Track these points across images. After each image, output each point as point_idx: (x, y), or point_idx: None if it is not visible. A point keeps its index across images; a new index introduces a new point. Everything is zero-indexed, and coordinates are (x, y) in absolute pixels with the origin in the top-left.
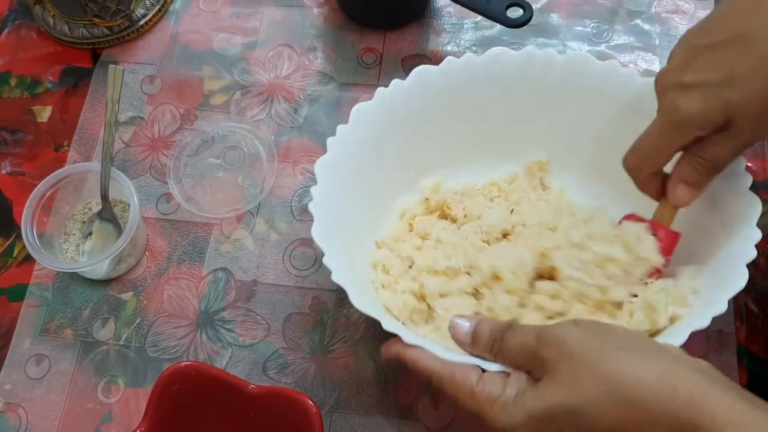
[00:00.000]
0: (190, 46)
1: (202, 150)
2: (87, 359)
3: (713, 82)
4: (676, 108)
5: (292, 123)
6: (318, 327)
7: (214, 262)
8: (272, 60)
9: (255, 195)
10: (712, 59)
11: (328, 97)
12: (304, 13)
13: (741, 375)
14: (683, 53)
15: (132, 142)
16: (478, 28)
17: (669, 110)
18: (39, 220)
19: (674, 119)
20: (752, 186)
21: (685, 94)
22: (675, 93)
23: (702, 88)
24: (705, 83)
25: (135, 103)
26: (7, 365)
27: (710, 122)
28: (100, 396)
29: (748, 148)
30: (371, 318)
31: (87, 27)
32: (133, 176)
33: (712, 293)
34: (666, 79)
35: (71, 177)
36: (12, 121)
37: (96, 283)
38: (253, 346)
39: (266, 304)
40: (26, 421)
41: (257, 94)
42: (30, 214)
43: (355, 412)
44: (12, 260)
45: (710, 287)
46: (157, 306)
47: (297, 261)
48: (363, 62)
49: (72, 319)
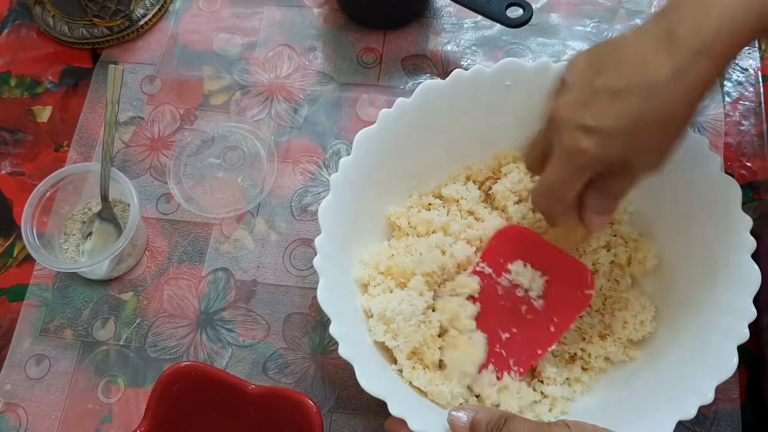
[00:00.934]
0: (190, 47)
1: (202, 150)
2: (87, 359)
3: (616, 130)
4: (581, 151)
5: (292, 123)
6: (318, 327)
7: (214, 262)
8: (272, 60)
9: (255, 195)
10: (614, 106)
11: (328, 97)
12: (304, 13)
13: (741, 375)
14: (580, 91)
15: (132, 142)
16: (478, 28)
17: (572, 152)
18: (39, 220)
19: (579, 162)
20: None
21: (588, 137)
22: (577, 134)
23: (605, 134)
24: (608, 130)
25: (135, 103)
26: (7, 365)
27: (612, 164)
28: (100, 396)
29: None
30: None
31: (87, 27)
32: (133, 176)
33: (700, 378)
34: (564, 115)
35: (71, 177)
36: (12, 122)
37: (96, 284)
38: (253, 346)
39: (266, 304)
40: (26, 421)
41: (257, 94)
42: (30, 214)
43: (355, 412)
44: (12, 260)
45: (698, 370)
46: (157, 306)
47: (297, 261)
48: (363, 62)
49: (72, 319)
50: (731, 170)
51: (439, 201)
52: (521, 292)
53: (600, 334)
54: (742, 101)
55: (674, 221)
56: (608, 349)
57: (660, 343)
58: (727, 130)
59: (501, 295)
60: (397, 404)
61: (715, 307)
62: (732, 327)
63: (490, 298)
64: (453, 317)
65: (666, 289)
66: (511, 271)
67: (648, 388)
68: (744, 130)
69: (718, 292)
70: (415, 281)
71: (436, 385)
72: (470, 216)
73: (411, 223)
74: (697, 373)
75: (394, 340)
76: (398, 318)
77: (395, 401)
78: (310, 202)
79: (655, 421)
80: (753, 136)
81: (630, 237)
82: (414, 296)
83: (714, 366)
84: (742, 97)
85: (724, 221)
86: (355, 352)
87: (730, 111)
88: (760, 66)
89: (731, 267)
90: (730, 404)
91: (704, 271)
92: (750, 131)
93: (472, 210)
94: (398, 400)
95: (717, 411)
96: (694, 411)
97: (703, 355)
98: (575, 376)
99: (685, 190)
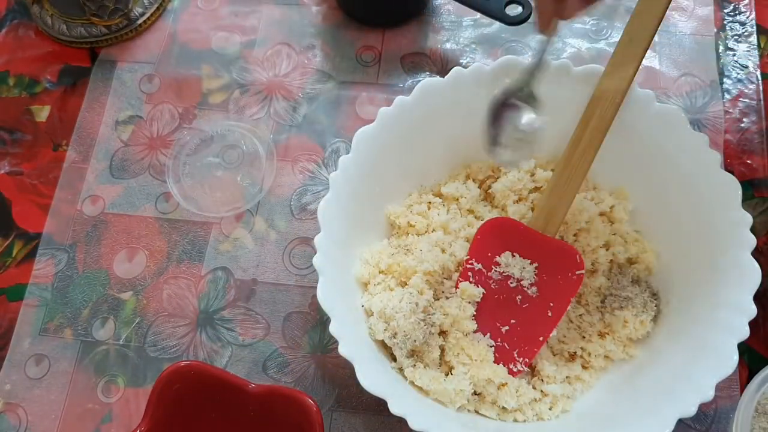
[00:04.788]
0: (188, 45)
1: (201, 149)
2: (87, 359)
3: None
4: None
5: (291, 121)
6: (318, 326)
7: (214, 262)
8: (271, 58)
9: (254, 194)
10: None
11: (327, 96)
12: (303, 11)
13: (741, 372)
14: None
15: (130, 141)
16: (477, 26)
17: None
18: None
19: None
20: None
21: None
22: None
23: None
24: None
25: (133, 102)
26: (6, 365)
27: None
28: (100, 396)
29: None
30: None
31: (85, 26)
32: (132, 175)
33: (700, 376)
34: None
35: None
36: (10, 121)
37: (95, 283)
38: (253, 346)
39: (266, 303)
40: (26, 421)
41: (256, 92)
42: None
43: (356, 411)
44: (11, 260)
45: (698, 368)
46: (156, 305)
47: (296, 260)
48: (362, 60)
49: (71, 319)
50: (731, 167)
51: (439, 199)
52: (513, 283)
53: (600, 332)
54: (741, 98)
55: (674, 219)
56: (608, 347)
57: (660, 341)
58: (726, 127)
59: (494, 289)
60: (397, 403)
61: (716, 305)
62: (732, 324)
63: (484, 294)
64: (453, 321)
65: (666, 287)
66: (501, 263)
67: (648, 386)
68: (744, 127)
69: (719, 290)
70: (416, 279)
71: (439, 384)
72: (470, 214)
73: (411, 221)
74: (697, 370)
75: (393, 339)
76: (398, 316)
77: (395, 400)
78: (309, 201)
79: (655, 418)
80: (753, 134)
81: (629, 235)
82: (414, 294)
83: (714, 363)
84: (742, 95)
85: (724, 219)
86: (355, 351)
87: (729, 108)
88: (759, 63)
89: (731, 264)
90: (730, 402)
91: (704, 268)
92: (750, 128)
93: (471, 208)
94: (399, 399)
95: (717, 408)
96: (695, 408)
97: (704, 353)
98: (575, 374)
99: (684, 188)
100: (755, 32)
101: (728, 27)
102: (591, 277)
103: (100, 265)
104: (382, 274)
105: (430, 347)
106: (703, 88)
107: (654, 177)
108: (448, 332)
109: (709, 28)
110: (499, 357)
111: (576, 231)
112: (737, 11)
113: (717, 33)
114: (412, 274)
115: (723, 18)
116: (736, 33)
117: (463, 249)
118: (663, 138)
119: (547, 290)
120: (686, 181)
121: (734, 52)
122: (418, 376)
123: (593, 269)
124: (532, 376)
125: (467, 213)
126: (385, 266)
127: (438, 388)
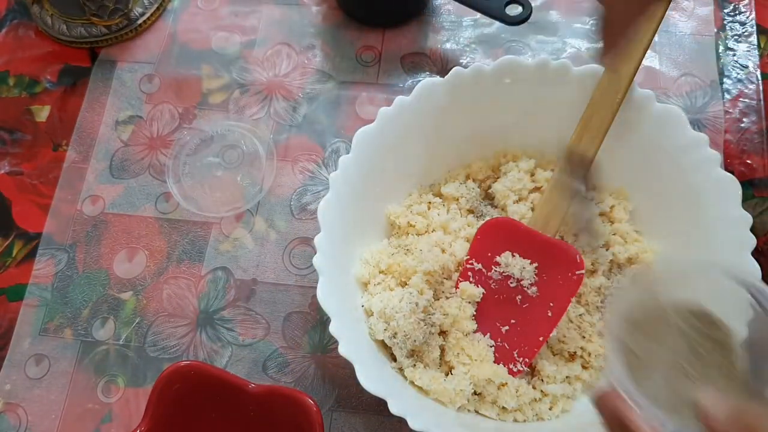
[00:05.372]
0: (188, 45)
1: (201, 149)
2: (87, 359)
3: None
4: None
5: (291, 121)
6: (318, 326)
7: (214, 262)
8: (271, 58)
9: (254, 194)
10: None
11: (327, 96)
12: (303, 11)
13: None
14: None
15: (131, 141)
16: (477, 26)
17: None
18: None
19: None
20: (750, 182)
21: None
22: None
23: None
24: None
25: (133, 102)
26: (6, 365)
27: None
28: (100, 396)
29: None
30: None
31: (85, 26)
32: (132, 175)
33: None
34: None
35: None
36: (10, 121)
37: (95, 283)
38: (253, 346)
39: (266, 303)
40: (26, 421)
41: (256, 92)
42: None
43: (356, 411)
44: (11, 260)
45: None
46: (156, 305)
47: (296, 260)
48: (362, 60)
49: (71, 319)
50: (731, 167)
51: (439, 199)
52: (513, 283)
53: (599, 332)
54: (741, 98)
55: (674, 219)
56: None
57: None
58: (726, 127)
59: (494, 289)
60: (397, 403)
61: None
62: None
63: (484, 294)
64: (453, 321)
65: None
66: (501, 263)
67: None
68: (744, 127)
69: None
70: (416, 279)
71: (439, 383)
72: (470, 214)
73: (411, 221)
74: None
75: (393, 339)
76: (398, 316)
77: (395, 400)
78: (309, 201)
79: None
80: (753, 134)
81: (629, 235)
82: (414, 294)
83: None
84: (742, 95)
85: (724, 218)
86: (355, 351)
87: (729, 108)
88: (759, 63)
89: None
90: None
91: None
92: (750, 128)
93: (471, 208)
94: (399, 399)
95: None
96: None
97: None
98: (575, 374)
99: (684, 188)
100: (755, 32)
101: (728, 27)
102: (591, 277)
103: (100, 265)
104: (382, 274)
105: (430, 347)
106: (703, 88)
107: (654, 177)
108: (448, 332)
109: (709, 28)
110: (499, 357)
111: (576, 231)
112: (737, 11)
113: (717, 33)
114: (412, 274)
115: (723, 18)
116: (736, 33)
117: (463, 249)
118: (663, 138)
119: (547, 290)
120: (686, 181)
121: (734, 52)
122: (418, 376)
123: (593, 269)
124: (532, 376)
125: (467, 213)
126: (385, 266)
127: (438, 388)
